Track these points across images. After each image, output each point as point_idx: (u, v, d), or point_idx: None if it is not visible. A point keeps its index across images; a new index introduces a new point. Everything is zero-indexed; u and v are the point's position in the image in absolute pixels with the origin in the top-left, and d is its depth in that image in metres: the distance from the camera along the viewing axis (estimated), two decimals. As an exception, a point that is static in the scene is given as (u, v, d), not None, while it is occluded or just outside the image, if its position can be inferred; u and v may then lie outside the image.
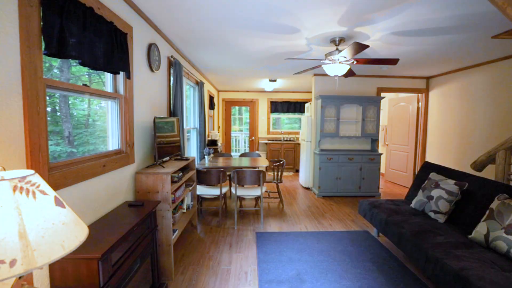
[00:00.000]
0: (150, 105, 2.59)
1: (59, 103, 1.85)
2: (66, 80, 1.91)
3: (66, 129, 1.90)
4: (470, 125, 4.38)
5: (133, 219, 1.75)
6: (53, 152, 1.72)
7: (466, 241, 2.17)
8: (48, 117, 1.83)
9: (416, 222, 2.57)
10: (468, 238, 2.23)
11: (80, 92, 1.64)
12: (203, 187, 3.80)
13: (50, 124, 1.84)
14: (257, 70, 4.93)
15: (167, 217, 2.24)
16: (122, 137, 2.08)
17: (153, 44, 2.56)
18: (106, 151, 1.89)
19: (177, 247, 2.90)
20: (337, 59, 2.99)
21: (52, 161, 1.39)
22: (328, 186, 4.91)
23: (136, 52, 2.25)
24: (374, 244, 3.02)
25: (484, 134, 4.11)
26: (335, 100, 4.95)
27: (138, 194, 2.21)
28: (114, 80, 2.02)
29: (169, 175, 2.19)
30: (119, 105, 2.03)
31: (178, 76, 3.21)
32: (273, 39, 3.07)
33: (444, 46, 3.23)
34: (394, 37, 2.94)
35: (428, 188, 2.86)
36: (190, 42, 3.24)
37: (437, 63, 4.16)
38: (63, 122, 1.91)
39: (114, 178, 1.94)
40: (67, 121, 1.95)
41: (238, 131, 8.40)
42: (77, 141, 1.98)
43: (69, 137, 1.90)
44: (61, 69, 1.87)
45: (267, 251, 2.83)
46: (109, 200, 1.87)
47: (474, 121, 4.31)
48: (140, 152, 2.39)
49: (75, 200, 1.50)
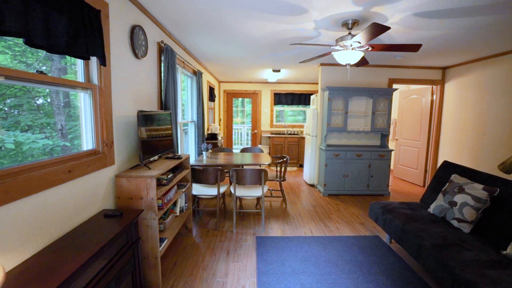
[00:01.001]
0: (134, 97, 2.27)
1: (51, 94, 1.59)
2: (58, 71, 1.61)
3: (58, 121, 1.68)
4: (490, 121, 4.00)
5: (107, 234, 1.46)
6: (45, 146, 1.51)
7: (500, 258, 1.86)
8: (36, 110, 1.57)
9: (438, 232, 2.25)
10: (502, 254, 1.91)
11: (34, 82, 1.31)
12: (199, 186, 3.51)
13: (43, 116, 1.58)
14: (260, 59, 4.55)
15: (152, 226, 1.95)
16: (97, 135, 1.77)
17: (137, 26, 2.22)
18: (74, 153, 1.58)
19: (169, 255, 2.63)
20: (349, 45, 2.62)
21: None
22: (334, 184, 4.60)
23: (115, 34, 1.91)
24: (387, 253, 2.72)
25: (507, 131, 3.73)
26: (343, 92, 4.58)
27: (119, 200, 1.92)
28: (85, 67, 1.70)
29: (154, 179, 1.88)
30: (92, 97, 1.72)
31: (170, 64, 2.88)
32: (277, 22, 2.70)
33: (473, 30, 2.83)
34: (415, 19, 2.55)
35: (451, 192, 2.53)
36: (184, 26, 2.88)
37: (458, 52, 3.75)
38: (55, 114, 1.65)
39: (86, 184, 1.64)
40: (60, 113, 1.69)
41: (240, 123, 8.06)
42: (72, 134, 1.71)
43: (62, 130, 1.68)
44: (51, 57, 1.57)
45: (268, 260, 2.55)
46: (79, 211, 1.58)
47: (494, 116, 3.93)
48: (123, 152, 2.08)
49: (25, 217, 1.21)
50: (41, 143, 1.52)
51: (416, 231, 2.31)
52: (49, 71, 1.60)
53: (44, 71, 1.36)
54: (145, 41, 2.38)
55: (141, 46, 2.32)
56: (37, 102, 1.60)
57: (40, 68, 1.52)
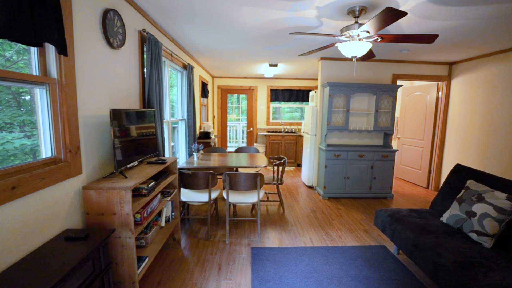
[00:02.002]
0: (109, 94, 1.95)
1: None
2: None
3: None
4: (500, 120, 3.75)
5: (64, 264, 1.16)
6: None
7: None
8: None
9: (456, 246, 2.00)
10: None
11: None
12: (189, 191, 3.21)
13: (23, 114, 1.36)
14: (256, 52, 4.24)
15: (128, 246, 1.65)
16: (58, 140, 1.46)
17: (111, 10, 1.89)
18: (24, 164, 1.27)
19: (152, 272, 2.33)
20: (356, 35, 2.33)
21: None
22: (334, 186, 4.33)
23: (80, 17, 1.59)
24: (396, 267, 2.46)
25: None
26: (345, 89, 4.29)
27: (88, 217, 1.61)
28: (40, 57, 1.38)
29: (128, 191, 1.58)
30: (49, 94, 1.40)
31: (154, 56, 2.55)
32: (275, 9, 2.39)
33: (488, 21, 2.55)
34: (430, 6, 2.27)
35: (468, 201, 2.27)
36: (169, 13, 2.56)
37: (468, 46, 3.47)
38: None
39: (42, 200, 1.33)
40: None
41: (235, 120, 7.74)
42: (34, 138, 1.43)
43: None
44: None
45: (265, 277, 2.28)
46: (30, 236, 1.27)
47: (504, 115, 3.68)
48: (94, 158, 1.77)
49: None
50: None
51: (431, 245, 2.05)
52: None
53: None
54: (122, 29, 2.06)
55: (117, 34, 1.99)
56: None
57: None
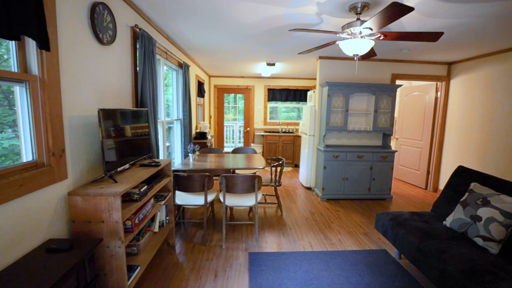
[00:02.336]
0: (99, 93, 1.83)
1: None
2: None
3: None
4: (499, 120, 3.71)
5: (43, 280, 1.05)
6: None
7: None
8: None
9: (462, 253, 1.92)
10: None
11: None
12: (184, 194, 3.10)
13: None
14: (253, 51, 4.13)
15: (118, 256, 1.54)
16: (40, 142, 1.34)
17: (100, 3, 1.77)
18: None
19: (144, 282, 2.22)
20: (358, 33, 2.24)
21: None
22: (333, 187, 4.25)
23: (65, 9, 1.48)
24: (398, 272, 2.38)
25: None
26: (343, 88, 4.21)
27: (74, 225, 1.50)
28: (19, 51, 1.26)
29: (118, 197, 1.47)
30: (30, 92, 1.29)
31: (148, 53, 2.44)
32: (273, 4, 2.29)
33: (492, 19, 2.48)
34: (435, 3, 2.19)
35: (472, 205, 2.20)
36: (163, 8, 2.44)
37: (469, 45, 3.41)
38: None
39: (20, 209, 1.22)
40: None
41: (232, 120, 7.63)
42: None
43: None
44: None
45: (263, 285, 2.18)
46: (4, 249, 1.16)
47: (504, 115, 3.63)
48: (81, 161, 1.66)
49: None
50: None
51: (435, 251, 1.97)
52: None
53: None
54: (112, 24, 1.94)
55: (107, 30, 1.88)
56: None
57: None
